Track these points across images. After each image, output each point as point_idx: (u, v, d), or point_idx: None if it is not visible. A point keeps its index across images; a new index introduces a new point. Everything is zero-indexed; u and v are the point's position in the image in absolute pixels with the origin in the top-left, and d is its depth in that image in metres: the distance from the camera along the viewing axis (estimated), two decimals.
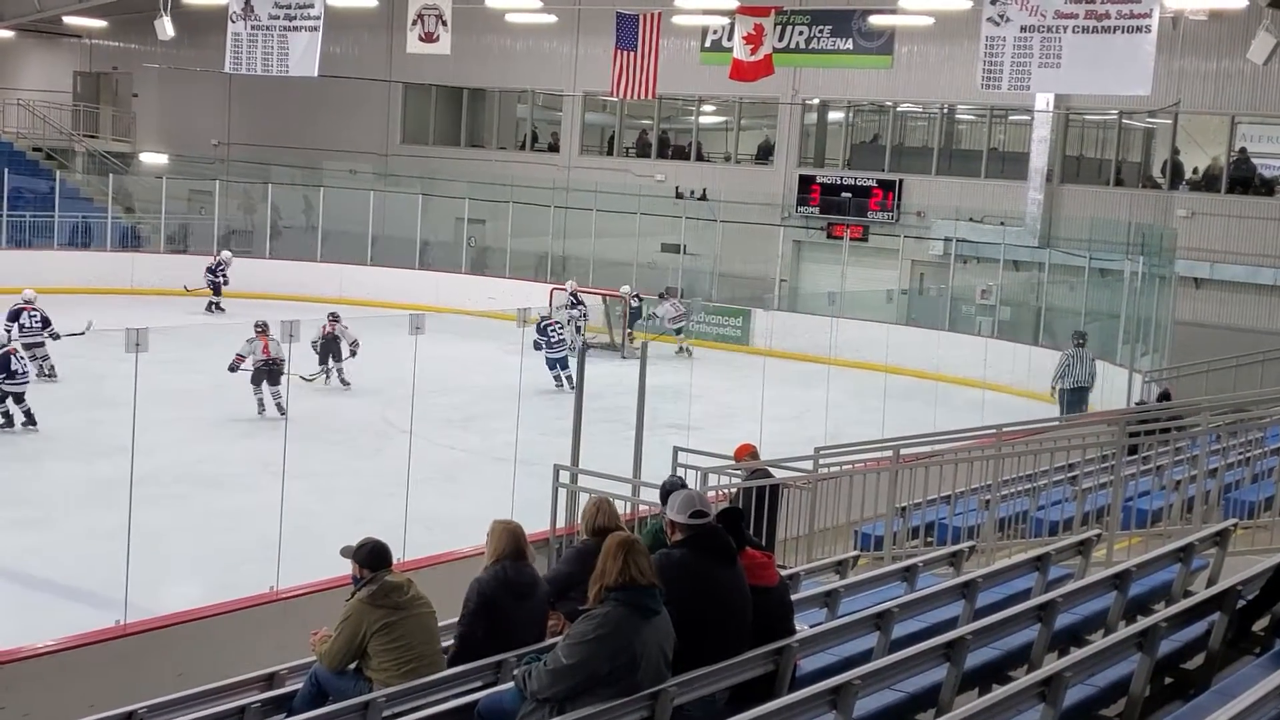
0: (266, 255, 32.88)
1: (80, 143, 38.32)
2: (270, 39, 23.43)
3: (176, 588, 11.80)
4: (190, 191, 35.37)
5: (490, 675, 6.79)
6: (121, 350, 8.93)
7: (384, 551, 7.04)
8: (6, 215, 31.83)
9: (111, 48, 39.48)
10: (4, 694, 7.77)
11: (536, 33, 32.93)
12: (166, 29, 27.77)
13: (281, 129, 35.34)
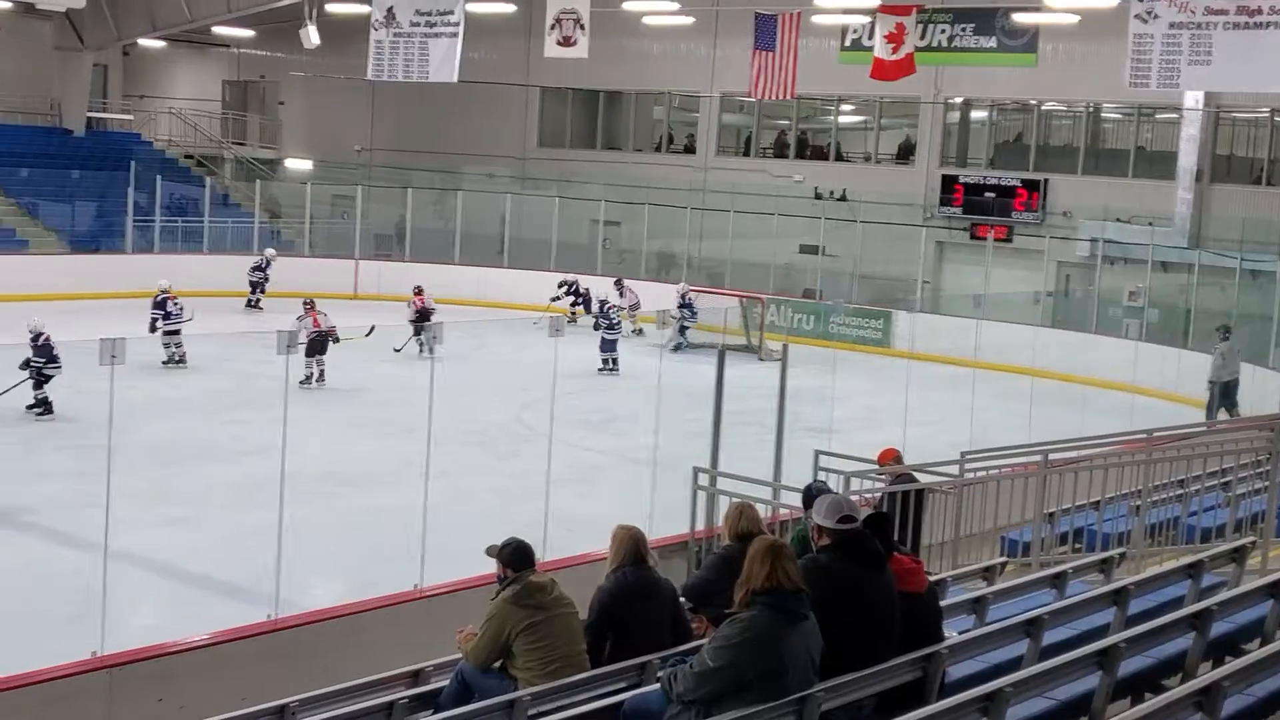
0: (405, 258, 33.35)
1: (229, 150, 39.26)
2: (411, 46, 23.77)
3: (322, 585, 11.98)
4: (333, 196, 36.04)
5: (634, 677, 6.79)
6: (270, 352, 9.08)
7: (527, 551, 7.08)
8: (160, 221, 32.71)
9: (259, 57, 40.38)
10: (161, 685, 7.96)
11: (673, 34, 32.95)
12: (311, 37, 28.33)
13: (421, 134, 35.85)
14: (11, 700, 7.55)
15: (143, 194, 32.47)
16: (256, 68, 40.82)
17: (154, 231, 32.62)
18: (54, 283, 28.26)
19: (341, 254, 33.00)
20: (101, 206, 33.62)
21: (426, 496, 10.09)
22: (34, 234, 32.10)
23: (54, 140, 36.49)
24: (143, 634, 9.39)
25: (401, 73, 23.01)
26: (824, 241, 30.27)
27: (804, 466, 12.05)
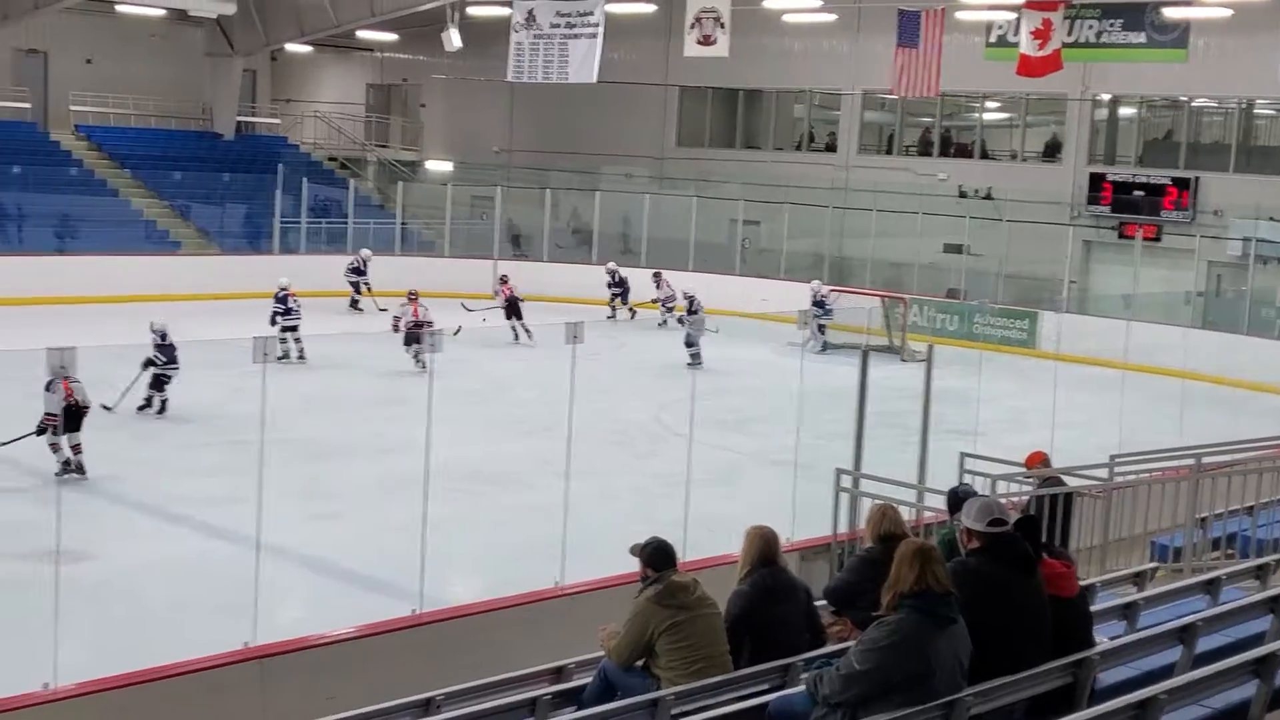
0: (544, 259, 33.61)
1: (372, 152, 39.93)
2: (551, 47, 23.97)
3: (463, 581, 12.11)
4: (472, 197, 36.45)
5: (777, 678, 6.76)
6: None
7: (669, 551, 7.08)
8: (306, 222, 33.40)
9: (401, 60, 41.01)
10: (310, 676, 8.11)
11: (815, 32, 32.75)
12: (453, 40, 28.71)
13: (560, 134, 36.09)
14: (169, 688, 7.75)
15: (289, 196, 33.17)
16: (399, 71, 41.45)
17: (300, 233, 33.30)
18: (204, 283, 29.04)
19: (480, 254, 33.37)
20: (250, 209, 34.42)
21: (567, 495, 10.13)
22: (186, 235, 32.97)
23: (205, 144, 37.46)
24: (290, 626, 9.58)
25: (541, 74, 23.22)
26: (968, 240, 29.84)
27: (948, 469, 11.88)
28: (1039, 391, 18.17)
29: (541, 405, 19.61)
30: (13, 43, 35.19)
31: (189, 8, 33.61)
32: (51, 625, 7.57)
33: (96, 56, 36.64)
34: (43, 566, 9.07)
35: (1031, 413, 17.97)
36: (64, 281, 27.85)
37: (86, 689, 7.55)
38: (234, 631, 8.44)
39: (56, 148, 34.42)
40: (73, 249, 29.64)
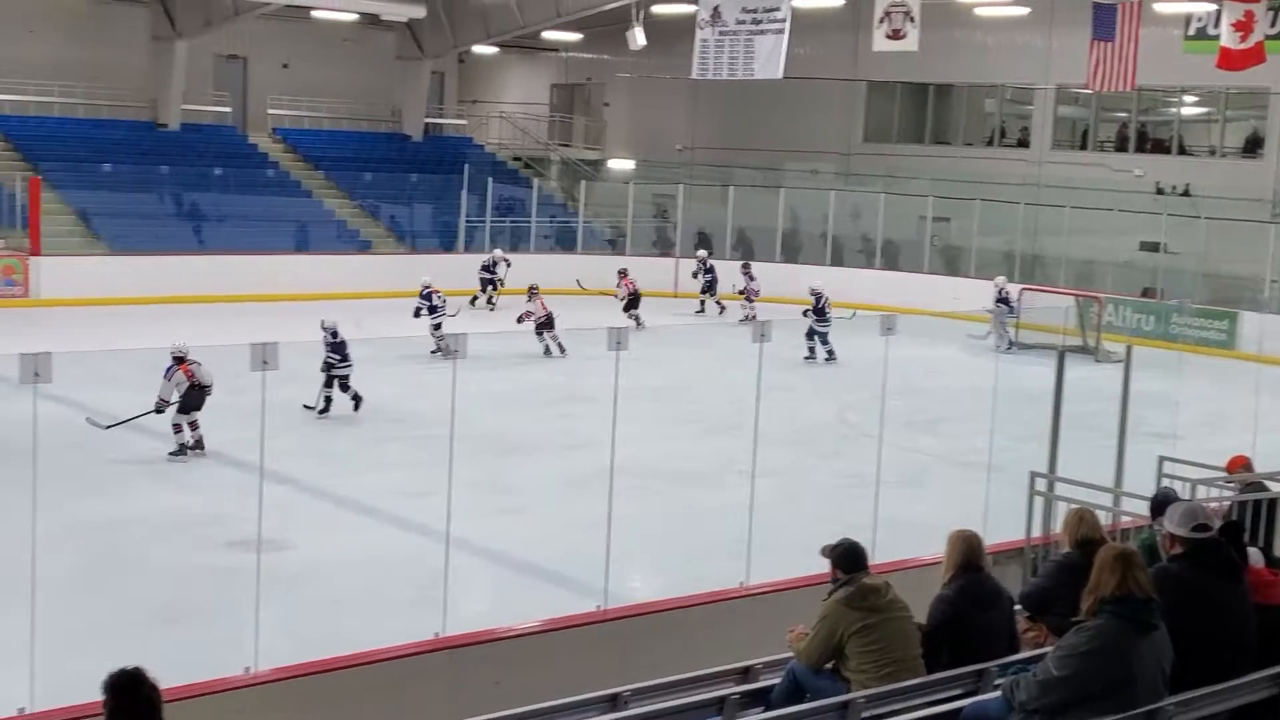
0: (726, 256, 33.55)
1: (555, 151, 40.36)
2: (736, 43, 23.91)
3: (648, 578, 12.13)
4: (654, 195, 36.58)
5: (970, 683, 6.62)
6: (601, 349, 9.20)
7: (859, 553, 7.00)
8: (490, 221, 33.90)
9: (585, 60, 41.36)
10: (498, 668, 8.19)
11: (1007, 25, 32.15)
12: (638, 39, 28.82)
13: (744, 131, 35.99)
14: (361, 676, 7.90)
15: (475, 196, 33.72)
16: (583, 70, 41.82)
17: (484, 232, 33.82)
18: (393, 281, 29.63)
19: (662, 253, 33.45)
20: (437, 208, 35.08)
21: (753, 494, 10.06)
22: (375, 235, 33.75)
23: (394, 146, 38.31)
24: (476, 618, 9.69)
25: (726, 70, 23.19)
26: (1165, 238, 28.94)
27: (1145, 473, 11.49)
28: (1239, 394, 17.51)
29: (724, 404, 19.60)
30: (214, 49, 36.44)
31: (381, 12, 34.44)
32: (252, 612, 7.77)
33: (293, 61, 37.74)
34: (244, 555, 9.33)
35: (1232, 416, 17.32)
36: (260, 279, 28.74)
37: (284, 674, 7.74)
38: (424, 622, 8.57)
39: (254, 150, 35.55)
40: (267, 248, 30.51)
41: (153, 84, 34.55)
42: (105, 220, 30.01)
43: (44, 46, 33.83)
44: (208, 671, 7.75)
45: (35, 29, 33.86)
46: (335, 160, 36.04)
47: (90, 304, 26.24)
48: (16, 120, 32.88)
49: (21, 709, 6.90)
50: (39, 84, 33.35)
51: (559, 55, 42.15)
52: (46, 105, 33.70)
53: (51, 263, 27.13)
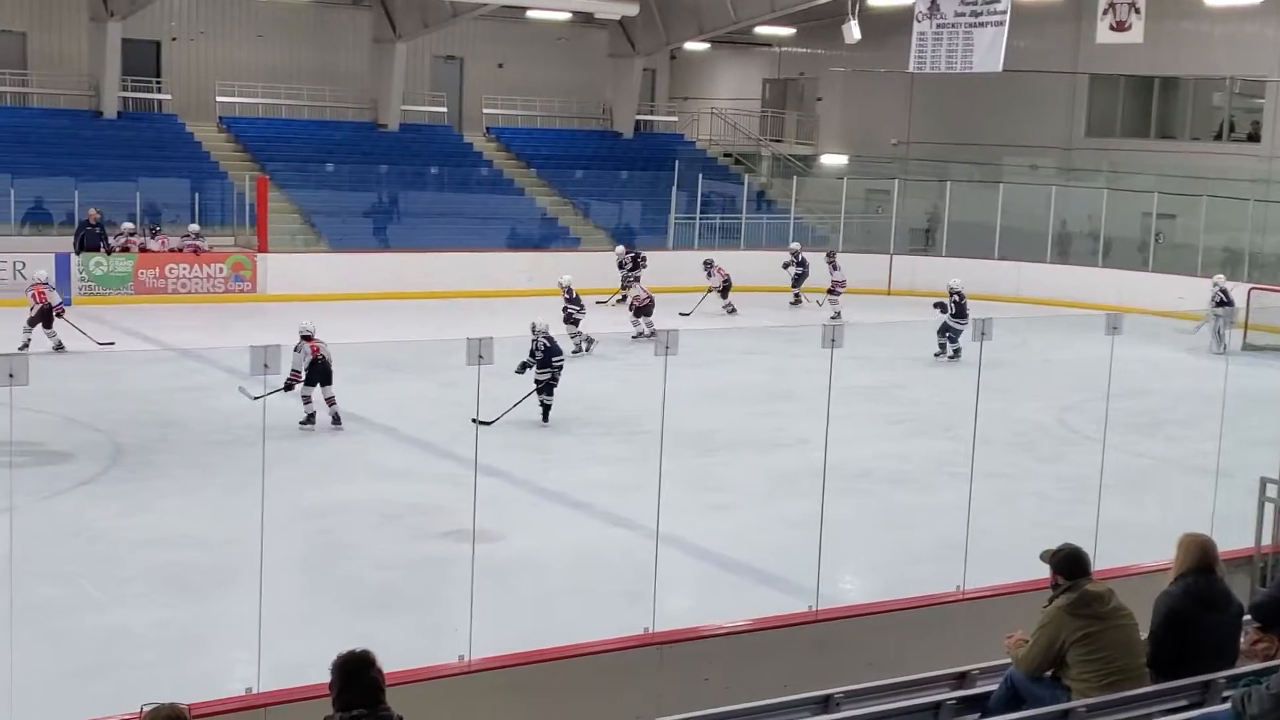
0: (943, 253, 32.99)
1: (766, 147, 40.20)
2: (955, 36, 23.47)
3: (859, 579, 11.96)
4: (867, 191, 36.15)
5: (1197, 694, 6.37)
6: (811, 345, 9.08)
7: (1081, 559, 6.79)
8: (700, 218, 33.93)
9: (799, 54, 41.09)
10: (707, 665, 8.14)
11: (1236, 16, 30.86)
12: (853, 33, 28.53)
13: (961, 126, 35.26)
14: (572, 668, 7.94)
15: (684, 193, 33.78)
16: (796, 65, 41.56)
17: (694, 229, 33.86)
18: (603, 278, 29.86)
19: (876, 249, 33.05)
20: (646, 205, 35.26)
21: (971, 496, 9.81)
22: (585, 232, 34.08)
23: (605, 143, 38.66)
24: (684, 615, 9.67)
25: (944, 64, 22.81)
26: None
27: None
28: None
29: (936, 404, 19.27)
30: (432, 50, 37.32)
31: (594, 10, 34.81)
32: (465, 601, 7.87)
33: (507, 61, 38.42)
34: (457, 545, 9.47)
35: None
36: (474, 276, 29.30)
37: (496, 663, 7.82)
38: (633, 617, 8.58)
39: (469, 149, 36.26)
40: (480, 245, 31.07)
41: (374, 86, 35.55)
42: (326, 219, 30.96)
43: (272, 51, 35.13)
44: (422, 658, 7.88)
45: (264, 34, 35.19)
46: (547, 158, 36.54)
47: (312, 299, 27.02)
48: (246, 122, 34.17)
49: (249, 688, 7.11)
50: (267, 87, 34.64)
51: (772, 50, 41.95)
52: (274, 107, 34.94)
53: (277, 259, 28.08)
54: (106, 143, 31.26)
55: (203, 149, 32.49)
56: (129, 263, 26.84)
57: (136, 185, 28.90)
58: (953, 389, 19.57)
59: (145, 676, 8.99)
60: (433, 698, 7.38)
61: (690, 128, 40.98)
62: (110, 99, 32.01)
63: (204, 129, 33.34)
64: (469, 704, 7.61)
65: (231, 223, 30.02)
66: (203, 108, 33.86)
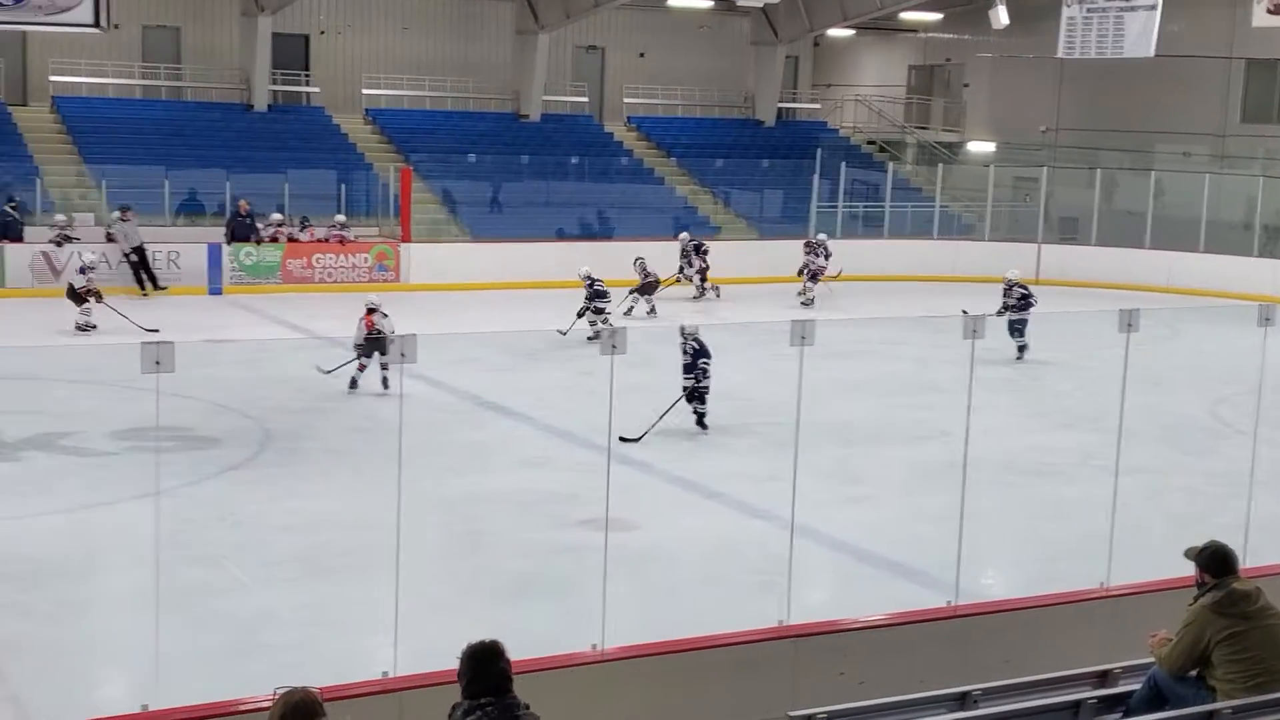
0: (1092, 242, 32.29)
1: (912, 134, 39.70)
2: (1105, 21, 22.96)
3: (1000, 574, 11.76)
4: (1015, 179, 35.52)
5: None
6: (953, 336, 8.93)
7: (1228, 556, 6.63)
8: (842, 206, 33.63)
9: (945, 40, 40.51)
10: (841, 659, 8.06)
11: None
12: (1001, 18, 28.07)
13: (1112, 112, 34.46)
14: (704, 659, 7.92)
15: (827, 181, 33.50)
16: (942, 51, 40.97)
17: (837, 217, 33.56)
18: (741, 267, 29.79)
19: (1023, 238, 32.46)
20: (788, 194, 35.04)
21: (1116, 491, 9.58)
22: (726, 221, 33.99)
23: (746, 131, 38.51)
24: (820, 608, 9.58)
25: (1095, 49, 22.32)
26: None
27: None
28: None
29: (1083, 395, 18.87)
30: (574, 40, 37.52)
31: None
32: (600, 590, 7.89)
33: (648, 50, 38.47)
34: (594, 534, 9.50)
35: None
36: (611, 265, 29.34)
37: (630, 653, 7.82)
38: (767, 608, 8.53)
39: (610, 139, 36.39)
40: (620, 234, 31.16)
41: (516, 76, 35.85)
42: (469, 208, 31.30)
43: (416, 43, 35.64)
44: (556, 646, 7.92)
45: (409, 27, 35.71)
46: (687, 147, 36.51)
47: (454, 289, 27.41)
48: (390, 113, 34.70)
49: (385, 672, 7.20)
50: (411, 79, 35.13)
51: (917, 36, 41.44)
52: (418, 99, 35.42)
53: (420, 249, 28.47)
54: (256, 135, 31.99)
55: (349, 141, 33.06)
56: (277, 253, 27.43)
57: (285, 177, 29.54)
58: (1099, 380, 19.14)
59: (288, 658, 9.19)
60: (566, 686, 7.41)
61: (833, 115, 40.64)
62: (260, 92, 32.75)
63: (350, 121, 33.94)
64: (602, 693, 7.63)
65: (376, 213, 30.53)
66: (349, 100, 34.47)
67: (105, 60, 31.92)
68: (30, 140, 29.83)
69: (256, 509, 12.85)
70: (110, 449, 14.56)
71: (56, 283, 25.36)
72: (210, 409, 16.45)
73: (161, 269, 26.10)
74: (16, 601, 10.26)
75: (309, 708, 4.82)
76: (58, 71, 31.62)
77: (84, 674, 9.17)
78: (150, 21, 33.00)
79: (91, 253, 23.43)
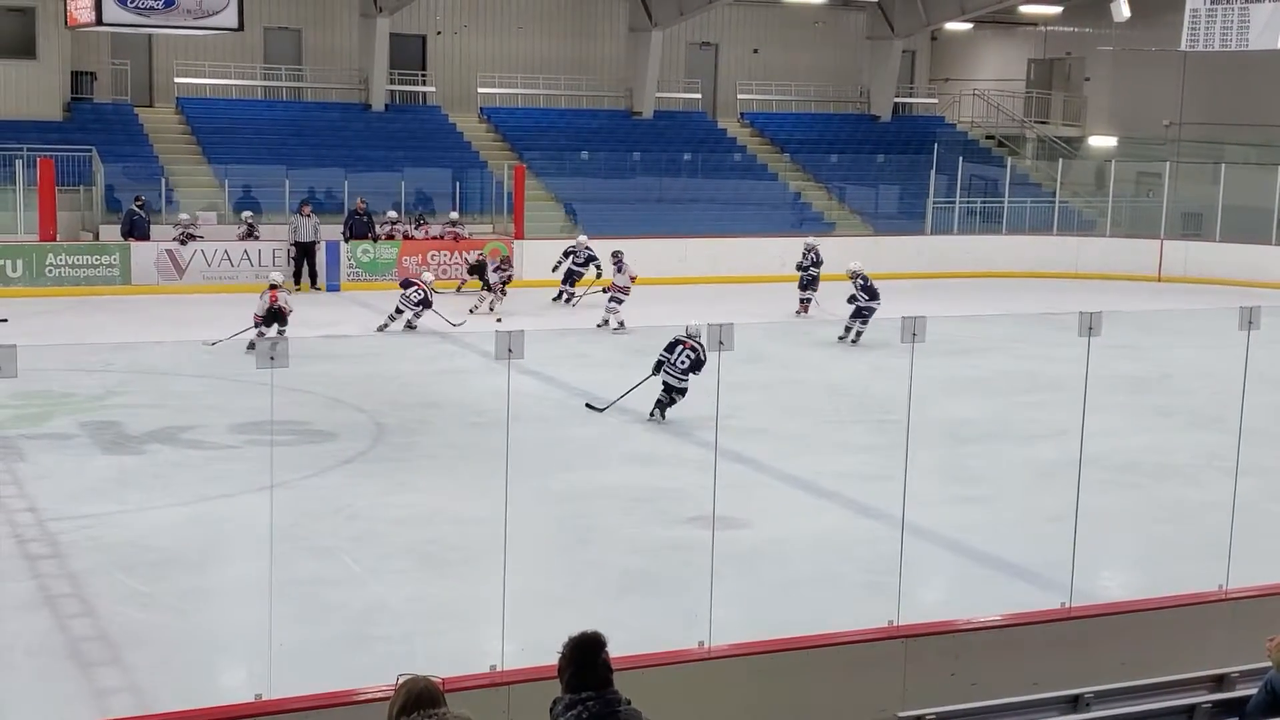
0: (1216, 238, 31.58)
1: (1031, 129, 39.12)
2: (1230, 13, 22.43)
3: (1118, 576, 11.54)
4: (1137, 174, 34.85)
5: None
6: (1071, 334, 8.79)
7: None
8: (960, 202, 33.24)
9: (1065, 33, 39.84)
10: (953, 660, 7.96)
11: None
12: (1123, 10, 27.59)
13: (1237, 105, 33.65)
14: (812, 659, 7.87)
15: (944, 176, 33.14)
16: (1062, 45, 40.31)
17: (954, 213, 33.19)
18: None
19: (1145, 234, 31.83)
20: (904, 189, 34.72)
21: (1235, 493, 9.35)
22: (840, 217, 33.77)
23: (862, 127, 38.22)
24: (933, 608, 9.48)
25: (1219, 41, 21.80)
26: None
27: None
28: None
29: (1207, 395, 18.45)
30: (687, 37, 37.52)
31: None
32: (708, 587, 7.88)
33: (762, 46, 38.33)
34: (703, 531, 9.49)
35: None
36: (725, 261, 29.38)
37: (736, 651, 7.80)
38: (877, 608, 8.45)
39: (723, 135, 36.32)
40: (734, 231, 31.09)
41: (629, 74, 35.94)
42: (583, 206, 31.43)
43: (530, 42, 35.86)
44: (662, 643, 7.92)
45: (523, 26, 35.94)
46: (801, 143, 36.32)
47: None
48: (505, 112, 34.98)
49: (493, 666, 7.25)
50: (525, 77, 35.38)
51: (1037, 29, 40.81)
52: (532, 97, 35.66)
53: (533, 246, 28.65)
54: (374, 134, 32.42)
55: (464, 139, 33.39)
56: (394, 250, 27.78)
57: (401, 175, 29.91)
58: (1223, 379, 18.69)
59: (399, 650, 9.31)
60: (672, 683, 7.41)
61: (951, 110, 40.19)
62: (379, 92, 33.19)
63: (465, 119, 34.26)
64: (708, 690, 7.61)
65: (490, 211, 30.79)
66: (464, 99, 34.79)
67: (229, 62, 32.56)
68: (156, 141, 30.54)
69: (370, 502, 13.02)
70: (231, 442, 14.85)
71: (180, 280, 25.98)
72: (327, 403, 16.71)
73: (280, 264, 26.58)
74: (139, 592, 10.51)
75: (431, 696, 4.85)
76: (182, 73, 32.34)
77: (202, 664, 9.36)
78: (272, 23, 33.58)
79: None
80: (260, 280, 22.41)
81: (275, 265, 26.32)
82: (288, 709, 6.77)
